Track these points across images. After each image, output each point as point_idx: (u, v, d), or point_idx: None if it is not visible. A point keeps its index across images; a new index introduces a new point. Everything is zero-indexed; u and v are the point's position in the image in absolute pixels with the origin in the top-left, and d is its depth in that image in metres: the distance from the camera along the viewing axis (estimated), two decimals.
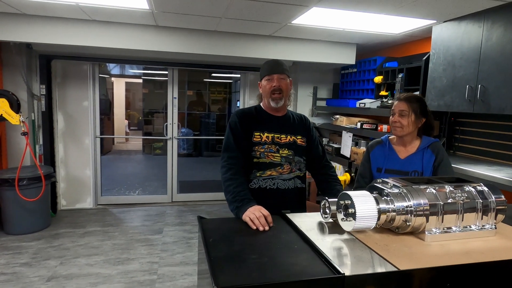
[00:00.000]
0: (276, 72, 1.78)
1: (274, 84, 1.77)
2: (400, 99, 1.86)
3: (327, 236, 1.28)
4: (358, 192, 1.25)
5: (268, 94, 1.80)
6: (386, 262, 1.05)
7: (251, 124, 1.81)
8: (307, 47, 4.17)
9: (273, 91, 1.77)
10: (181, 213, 4.69)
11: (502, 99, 2.44)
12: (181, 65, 4.77)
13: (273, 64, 1.81)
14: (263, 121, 1.84)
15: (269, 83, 1.79)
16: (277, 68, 1.79)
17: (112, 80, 10.16)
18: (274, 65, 1.81)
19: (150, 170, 7.55)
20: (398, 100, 1.87)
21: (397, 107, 1.84)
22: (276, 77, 1.77)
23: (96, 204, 4.81)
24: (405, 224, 1.23)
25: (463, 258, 1.09)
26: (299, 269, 1.00)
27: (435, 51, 3.06)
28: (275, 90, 1.77)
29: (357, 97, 4.40)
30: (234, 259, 1.05)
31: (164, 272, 3.10)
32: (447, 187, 1.29)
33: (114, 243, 3.66)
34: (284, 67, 1.81)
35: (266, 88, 1.80)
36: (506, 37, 2.42)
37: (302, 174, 1.88)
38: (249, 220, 1.37)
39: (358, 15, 2.94)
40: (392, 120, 1.86)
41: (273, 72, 1.78)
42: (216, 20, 3.39)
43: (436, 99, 3.00)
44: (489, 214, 1.28)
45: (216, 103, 9.20)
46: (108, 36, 3.67)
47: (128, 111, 11.65)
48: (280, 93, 1.78)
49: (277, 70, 1.79)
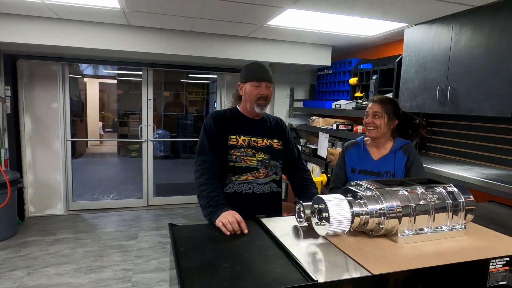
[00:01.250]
0: (266, 80, 1.75)
1: (262, 92, 1.74)
2: (374, 101, 1.90)
3: (302, 241, 1.26)
4: (332, 196, 1.24)
5: (253, 100, 1.76)
6: (359, 267, 1.04)
7: (227, 127, 1.77)
8: (283, 49, 4.18)
9: (260, 98, 1.75)
10: (157, 217, 4.58)
11: (470, 101, 2.52)
12: (156, 65, 4.67)
13: (262, 71, 1.77)
14: (240, 124, 1.80)
15: (256, 89, 1.75)
16: (267, 75, 1.77)
17: (84, 80, 9.84)
18: (264, 72, 1.77)
19: (126, 173, 7.35)
20: (372, 102, 1.90)
21: (371, 108, 1.87)
22: (264, 85, 1.75)
23: (67, 210, 4.62)
24: (379, 227, 1.23)
25: (435, 260, 1.10)
26: (272, 278, 0.97)
27: (407, 53, 3.12)
28: (262, 98, 1.75)
29: (333, 98, 4.44)
30: (205, 269, 1.01)
31: (138, 279, 3.00)
32: (419, 188, 1.30)
33: (86, 250, 3.52)
34: (271, 75, 1.80)
35: (252, 93, 1.75)
36: (474, 41, 2.50)
37: (278, 178, 1.85)
38: (222, 225, 1.34)
39: (333, 17, 2.96)
40: (366, 121, 1.89)
41: (263, 80, 1.75)
42: (191, 20, 3.33)
43: (408, 100, 3.07)
44: (459, 214, 1.30)
45: (193, 104, 9.08)
46: (77, 36, 3.53)
47: (103, 112, 11.33)
48: (266, 100, 1.76)
49: (266, 78, 1.76)
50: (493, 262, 1.14)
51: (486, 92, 2.40)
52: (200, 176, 1.66)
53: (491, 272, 1.14)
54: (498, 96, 2.32)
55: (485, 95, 2.41)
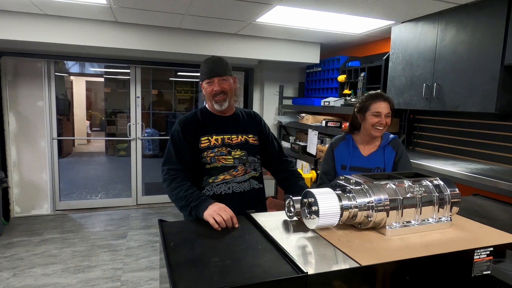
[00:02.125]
0: (216, 75, 1.67)
1: (215, 88, 1.67)
2: (382, 99, 1.80)
3: (292, 234, 1.27)
4: (321, 190, 1.25)
5: (210, 98, 1.70)
6: (348, 259, 1.06)
7: (197, 129, 1.70)
8: (272, 46, 4.18)
9: (214, 94, 1.68)
10: (146, 216, 4.54)
11: (455, 97, 2.57)
12: (144, 63, 4.62)
13: (212, 66, 1.68)
14: (210, 123, 1.73)
15: (210, 86, 1.68)
16: (218, 70, 1.68)
17: (71, 79, 9.67)
18: (214, 66, 1.68)
19: (114, 172, 7.26)
20: (378, 100, 1.80)
21: (383, 108, 1.79)
22: (216, 80, 1.67)
23: (54, 210, 4.55)
24: (367, 220, 1.25)
25: (422, 251, 1.12)
26: (262, 270, 0.98)
27: (394, 51, 3.16)
28: (216, 94, 1.68)
29: (322, 96, 4.47)
30: (195, 264, 1.01)
31: (128, 278, 2.98)
32: (406, 182, 1.33)
33: (74, 250, 3.47)
34: (225, 67, 1.70)
35: (207, 91, 1.70)
36: (458, 38, 2.54)
37: (258, 174, 1.80)
38: (214, 222, 1.31)
39: (321, 14, 2.97)
40: (376, 122, 1.79)
41: (213, 76, 1.67)
42: (179, 17, 3.30)
43: (395, 97, 3.11)
44: (445, 207, 1.33)
45: (182, 102, 9.01)
46: (63, 32, 3.47)
47: (90, 111, 11.15)
48: (223, 95, 1.68)
49: (217, 73, 1.67)
50: (477, 252, 1.17)
51: (470, 89, 2.45)
52: (170, 183, 1.60)
53: (476, 262, 1.17)
54: (481, 92, 2.37)
55: (469, 92, 2.46)
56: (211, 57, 1.73)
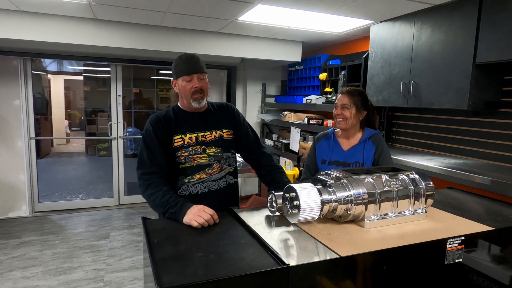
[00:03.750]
0: (196, 72, 1.65)
1: (195, 86, 1.64)
2: (342, 93, 1.93)
3: (274, 229, 1.30)
4: (302, 185, 1.29)
5: (188, 96, 1.66)
6: (329, 250, 1.10)
7: (169, 128, 1.66)
8: (254, 44, 4.20)
9: (194, 92, 1.64)
10: (129, 216, 4.49)
11: (431, 94, 2.66)
12: (125, 61, 4.55)
13: (190, 62, 1.66)
14: (183, 121, 1.69)
15: (189, 84, 1.64)
16: (197, 67, 1.66)
17: (48, 77, 9.40)
18: (192, 63, 1.66)
19: (95, 173, 7.13)
20: (341, 93, 1.94)
21: (340, 100, 1.91)
22: (196, 77, 1.64)
23: (32, 212, 4.43)
24: (346, 213, 1.30)
25: (398, 241, 1.17)
26: (245, 263, 1.00)
27: (373, 49, 3.24)
28: (196, 91, 1.64)
29: (304, 94, 4.53)
30: (180, 259, 1.03)
31: (111, 278, 2.95)
32: (383, 176, 1.38)
33: (55, 252, 3.40)
34: (202, 64, 1.69)
35: (185, 89, 1.65)
36: (433, 37, 2.64)
37: (233, 169, 1.79)
38: (198, 225, 1.29)
39: (302, 13, 3.02)
40: (335, 113, 1.93)
41: (193, 72, 1.64)
42: (160, 14, 3.28)
43: (375, 95, 3.19)
44: (420, 199, 1.39)
45: (164, 101, 8.92)
46: (40, 29, 3.38)
47: (69, 110, 10.88)
48: (201, 93, 1.66)
49: (197, 70, 1.65)
50: (450, 241, 1.23)
51: (444, 86, 2.55)
52: (145, 189, 1.55)
53: (448, 251, 1.23)
54: (455, 89, 2.47)
55: (444, 89, 2.55)
56: (186, 54, 1.70)
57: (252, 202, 4.10)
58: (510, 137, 2.53)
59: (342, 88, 1.99)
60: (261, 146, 1.90)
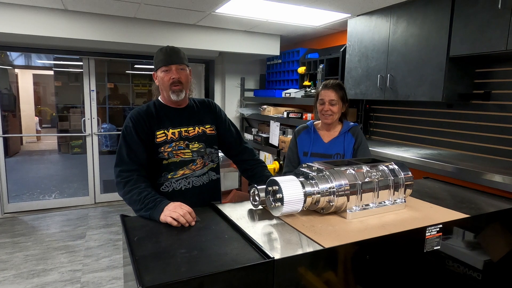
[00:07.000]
0: (174, 63, 1.62)
1: (173, 76, 1.61)
2: (327, 87, 1.91)
3: (258, 222, 1.29)
4: (285, 178, 1.28)
5: (167, 87, 1.62)
6: (312, 242, 1.10)
7: (151, 124, 1.61)
8: (232, 38, 4.15)
9: (172, 83, 1.61)
10: (106, 214, 4.37)
11: (407, 87, 2.72)
12: (98, 54, 4.39)
13: (170, 53, 1.63)
14: (165, 116, 1.66)
15: (167, 75, 1.61)
16: (175, 58, 1.62)
17: (16, 71, 8.96)
18: (172, 54, 1.63)
19: (69, 171, 6.88)
20: (325, 88, 1.92)
21: (327, 96, 1.89)
22: (174, 68, 1.61)
23: (2, 213, 4.22)
24: (329, 205, 1.30)
25: (379, 231, 1.19)
26: (230, 259, 0.98)
27: (351, 43, 3.28)
28: (174, 83, 1.61)
29: (283, 87, 4.53)
30: (161, 256, 0.99)
31: (88, 279, 2.86)
32: (364, 167, 1.39)
33: (27, 254, 3.26)
34: (182, 56, 1.66)
35: (164, 80, 1.62)
36: (409, 31, 2.69)
37: (216, 165, 1.78)
38: (172, 220, 1.25)
39: (280, 6, 3.00)
40: (322, 109, 1.91)
41: (171, 63, 1.61)
42: (134, 6, 3.17)
43: (353, 88, 3.23)
44: (400, 189, 1.42)
45: (141, 96, 8.71)
46: (5, 20, 3.19)
47: (39, 106, 10.43)
48: (180, 84, 1.62)
49: (175, 61, 1.62)
50: (428, 229, 1.26)
51: (419, 79, 2.61)
52: (123, 186, 1.50)
53: (427, 239, 1.26)
54: (429, 82, 2.53)
55: (419, 82, 2.62)
56: (167, 46, 1.67)
57: (233, 197, 4.08)
58: (481, 128, 2.62)
59: (324, 82, 1.97)
60: (243, 142, 1.89)
